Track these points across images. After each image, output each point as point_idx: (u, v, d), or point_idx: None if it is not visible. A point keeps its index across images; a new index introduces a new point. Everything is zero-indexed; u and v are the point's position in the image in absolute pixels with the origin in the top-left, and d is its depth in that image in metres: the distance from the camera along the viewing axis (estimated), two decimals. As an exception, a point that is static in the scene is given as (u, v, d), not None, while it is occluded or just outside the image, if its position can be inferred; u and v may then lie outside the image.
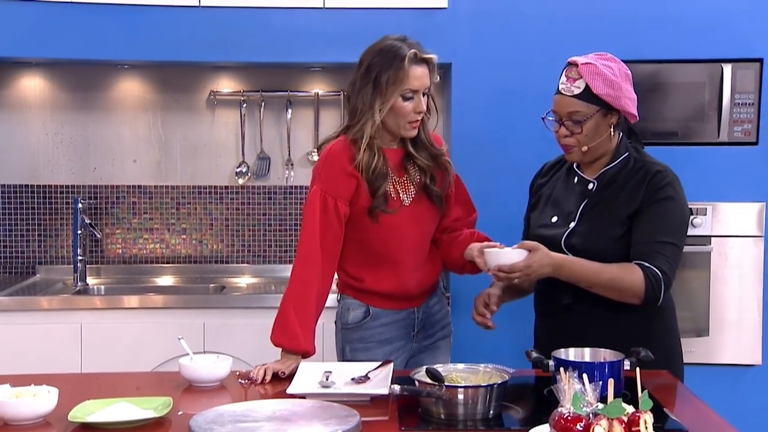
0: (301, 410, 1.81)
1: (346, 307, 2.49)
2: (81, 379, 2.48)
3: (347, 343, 2.49)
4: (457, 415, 1.84)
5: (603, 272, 2.21)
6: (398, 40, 2.35)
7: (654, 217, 2.24)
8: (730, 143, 3.20)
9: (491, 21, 3.23)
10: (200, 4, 3.27)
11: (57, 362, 3.11)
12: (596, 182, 2.33)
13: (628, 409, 1.53)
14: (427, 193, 2.43)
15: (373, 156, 2.34)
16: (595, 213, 2.30)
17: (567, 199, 2.37)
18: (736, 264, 3.19)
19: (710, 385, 2.47)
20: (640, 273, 2.19)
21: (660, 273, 2.18)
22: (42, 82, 3.72)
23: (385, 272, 2.42)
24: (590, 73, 2.24)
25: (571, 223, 2.31)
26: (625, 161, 2.33)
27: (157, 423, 1.83)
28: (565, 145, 2.32)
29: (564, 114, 2.28)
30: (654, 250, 2.21)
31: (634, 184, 2.28)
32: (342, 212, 2.35)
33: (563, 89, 2.29)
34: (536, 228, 2.40)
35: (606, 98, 2.25)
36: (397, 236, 2.40)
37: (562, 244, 2.29)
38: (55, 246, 3.74)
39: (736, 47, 3.18)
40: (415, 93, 2.31)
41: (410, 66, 2.30)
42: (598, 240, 2.26)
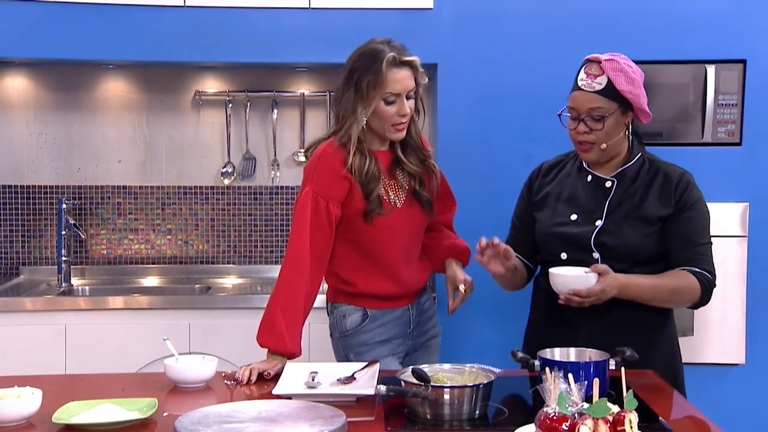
0: (286, 411, 1.81)
1: (341, 314, 2.47)
2: (65, 380, 2.46)
3: (349, 350, 2.47)
4: (443, 415, 1.84)
5: (664, 286, 2.25)
6: (381, 43, 2.34)
7: (690, 222, 2.29)
8: (713, 144, 3.22)
9: (477, 22, 3.24)
10: (185, 4, 3.26)
11: (41, 363, 3.09)
12: (615, 180, 2.33)
13: (613, 408, 1.53)
14: (416, 197, 2.43)
15: (364, 159, 2.33)
16: (623, 211, 2.30)
17: (585, 197, 2.35)
18: (720, 264, 3.16)
19: (695, 384, 2.48)
20: (695, 280, 2.24)
21: (709, 275, 2.26)
22: (25, 82, 3.69)
23: (377, 273, 2.42)
24: (613, 70, 2.25)
25: (598, 221, 2.31)
26: (641, 161, 2.35)
27: (142, 424, 1.82)
28: (583, 143, 2.30)
29: (584, 110, 2.27)
30: (698, 253, 2.28)
31: (660, 186, 2.31)
32: (333, 214, 2.34)
33: (584, 85, 2.27)
34: (551, 227, 2.37)
35: (627, 95, 2.26)
36: (390, 237, 2.40)
37: (591, 243, 2.29)
38: (39, 247, 3.72)
39: (719, 48, 3.19)
40: (397, 96, 2.30)
41: (390, 70, 2.29)
42: (629, 238, 2.27)
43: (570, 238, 2.32)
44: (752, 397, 3.23)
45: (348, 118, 2.33)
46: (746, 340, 3.22)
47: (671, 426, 1.81)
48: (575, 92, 2.30)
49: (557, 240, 2.35)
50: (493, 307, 2.62)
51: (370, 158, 2.35)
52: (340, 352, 2.50)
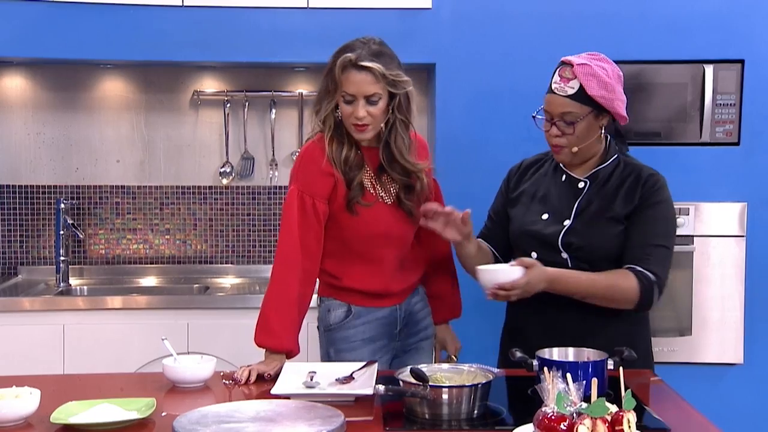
0: (285, 411, 1.81)
1: (326, 308, 2.48)
2: (63, 380, 2.46)
3: (331, 345, 2.48)
4: (441, 415, 1.84)
5: (597, 282, 2.22)
6: (359, 41, 2.36)
7: (647, 221, 2.25)
8: (712, 144, 3.22)
9: (475, 21, 3.24)
10: (183, 4, 3.26)
11: (39, 363, 3.09)
12: (588, 181, 2.34)
13: (611, 408, 1.53)
14: (400, 203, 2.43)
15: (342, 147, 2.36)
16: (591, 212, 2.30)
17: (557, 197, 2.36)
18: (719, 263, 3.21)
19: (693, 384, 2.49)
20: (633, 278, 2.20)
21: (653, 276, 2.20)
22: (24, 82, 3.69)
23: (365, 270, 2.43)
24: (585, 74, 2.24)
25: (566, 221, 2.31)
26: (616, 162, 2.34)
27: (141, 424, 1.82)
28: (555, 145, 2.31)
29: (556, 114, 2.27)
30: (647, 253, 2.22)
31: (629, 185, 2.29)
32: (320, 211, 2.35)
33: (556, 89, 2.27)
34: (524, 225, 2.38)
35: (600, 100, 2.24)
36: (378, 233, 2.40)
37: (559, 243, 2.30)
38: (37, 246, 3.72)
39: (717, 48, 3.20)
40: (354, 97, 2.31)
41: (345, 71, 2.31)
42: (596, 238, 2.26)
43: (539, 237, 2.33)
44: (751, 396, 3.23)
45: (320, 112, 2.38)
46: (744, 340, 3.22)
47: (669, 426, 1.81)
48: (548, 95, 2.29)
49: (528, 238, 2.36)
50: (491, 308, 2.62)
51: (350, 146, 2.37)
52: (322, 346, 2.51)
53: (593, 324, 2.26)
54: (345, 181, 2.35)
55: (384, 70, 2.31)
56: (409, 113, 2.41)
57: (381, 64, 2.31)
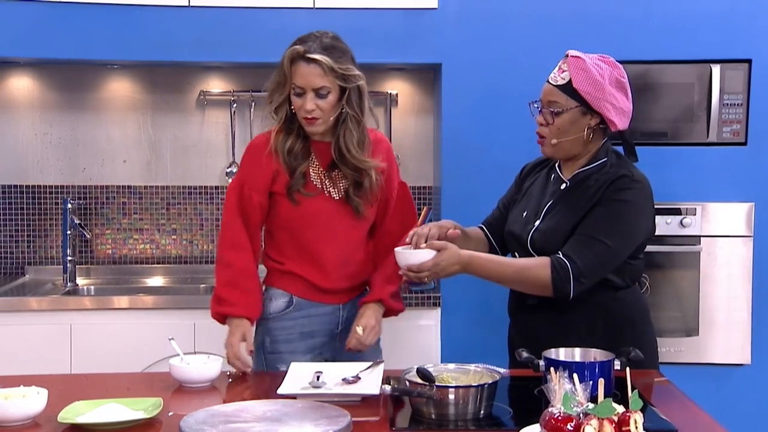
0: (291, 411, 1.81)
1: (268, 297, 2.50)
2: (71, 379, 2.47)
3: (266, 335, 2.48)
4: (448, 415, 1.84)
5: (509, 266, 2.24)
6: (312, 35, 2.39)
7: (597, 216, 2.21)
8: (719, 144, 3.21)
9: (481, 21, 3.23)
10: (190, 4, 3.26)
11: (46, 363, 3.10)
12: (569, 183, 2.33)
13: (618, 408, 1.53)
14: (348, 200, 2.44)
15: (288, 139, 2.40)
16: (557, 212, 2.30)
17: (540, 197, 2.38)
18: (726, 264, 3.20)
19: (700, 384, 2.48)
20: (546, 265, 2.17)
21: (569, 264, 2.16)
22: (31, 82, 3.70)
23: (307, 261, 2.45)
24: (576, 67, 2.24)
25: (536, 221, 2.32)
26: (601, 166, 2.30)
27: (148, 424, 1.82)
28: (539, 134, 2.33)
29: (544, 102, 2.31)
30: (580, 243, 2.18)
31: (598, 186, 2.25)
32: (257, 202, 2.42)
33: (550, 78, 2.31)
34: (510, 224, 2.42)
35: (585, 95, 2.24)
36: (319, 226, 2.42)
37: (527, 241, 2.31)
38: (44, 246, 3.73)
39: (724, 48, 3.19)
40: (303, 90, 2.35)
41: (293, 63, 2.35)
42: (554, 237, 2.25)
43: (515, 235, 2.36)
44: (758, 397, 3.23)
45: (272, 100, 2.42)
46: (752, 340, 3.21)
47: (676, 426, 1.80)
48: (545, 83, 2.33)
49: (509, 237, 2.41)
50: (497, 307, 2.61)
51: (297, 138, 2.40)
52: (257, 335, 2.50)
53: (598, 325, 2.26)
54: (288, 171, 2.39)
55: (333, 64, 2.33)
56: (361, 109, 2.41)
57: (331, 57, 2.33)
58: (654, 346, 2.36)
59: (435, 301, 3.24)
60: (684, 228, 3.16)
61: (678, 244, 3.19)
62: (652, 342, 2.35)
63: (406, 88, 3.75)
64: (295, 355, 2.44)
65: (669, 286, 3.22)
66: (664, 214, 3.13)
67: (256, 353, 2.48)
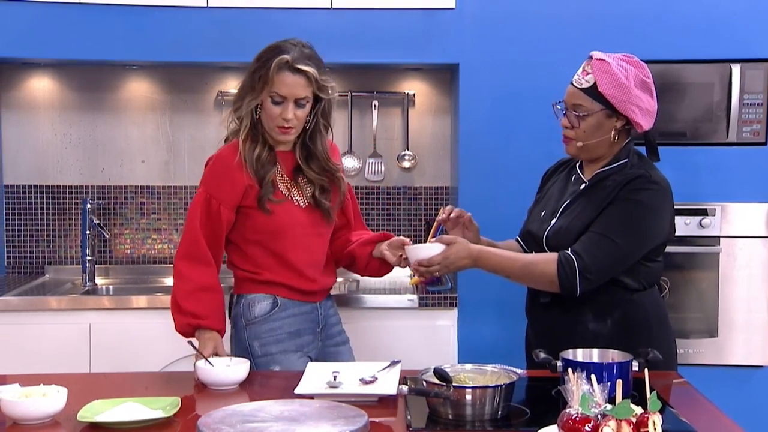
0: (309, 411, 1.81)
1: (248, 303, 2.48)
2: (90, 378, 2.49)
3: (255, 339, 2.46)
4: (465, 416, 1.84)
5: (517, 260, 2.24)
6: (289, 43, 2.39)
7: (609, 215, 2.20)
8: (738, 144, 3.19)
9: (499, 21, 3.23)
10: (208, 5, 3.27)
11: (66, 362, 3.12)
12: (588, 182, 2.32)
13: (636, 410, 1.52)
14: (317, 204, 2.46)
15: (255, 145, 2.39)
16: (573, 211, 2.29)
17: (559, 196, 2.38)
18: (745, 265, 3.18)
19: (719, 386, 2.46)
20: (553, 261, 2.17)
21: (575, 260, 2.15)
22: (50, 83, 3.73)
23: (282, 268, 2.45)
24: (600, 71, 2.22)
25: (553, 219, 2.32)
26: (622, 166, 2.29)
27: (166, 423, 1.83)
28: (565, 136, 2.32)
29: (569, 104, 2.29)
30: (589, 241, 2.18)
31: (614, 185, 2.24)
32: (224, 218, 2.40)
33: (575, 80, 2.29)
34: (528, 223, 2.43)
35: (610, 99, 2.22)
36: (295, 234, 2.43)
37: (543, 239, 2.30)
38: (64, 246, 3.76)
39: (745, 47, 3.17)
40: (284, 99, 2.34)
41: (279, 71, 2.33)
42: (567, 235, 2.25)
43: (532, 234, 2.36)
44: (777, 399, 3.20)
45: (240, 108, 2.41)
46: (772, 342, 3.19)
47: (695, 428, 1.79)
48: (568, 85, 2.31)
49: (527, 236, 2.40)
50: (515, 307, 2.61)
51: (264, 146, 2.40)
52: (242, 342, 2.47)
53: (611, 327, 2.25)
54: (256, 180, 2.38)
55: (317, 75, 2.36)
56: (330, 117, 2.47)
57: (316, 69, 2.37)
58: (673, 350, 2.35)
59: (452, 301, 3.24)
60: (703, 228, 3.14)
61: (697, 244, 3.17)
62: (670, 345, 2.34)
63: (423, 89, 3.74)
64: (287, 354, 2.44)
65: (688, 287, 3.20)
66: (683, 214, 3.11)
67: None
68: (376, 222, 3.76)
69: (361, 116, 3.74)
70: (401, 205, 3.77)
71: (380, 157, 3.73)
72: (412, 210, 3.77)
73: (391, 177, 3.76)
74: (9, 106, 3.72)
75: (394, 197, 3.77)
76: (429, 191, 3.76)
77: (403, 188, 3.77)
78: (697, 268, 3.19)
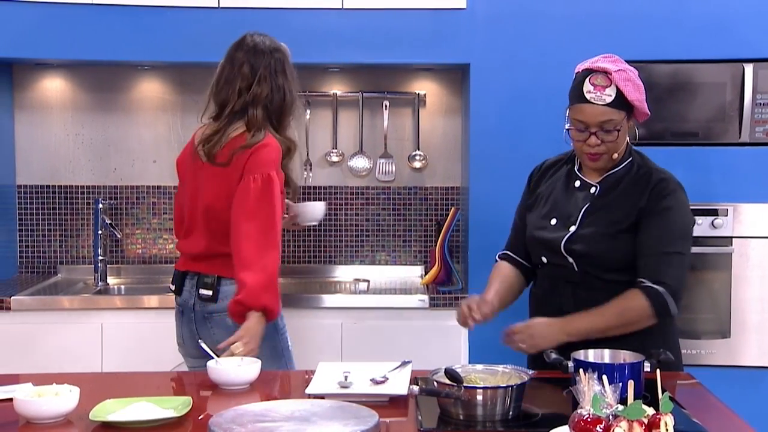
0: (320, 410, 1.81)
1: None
2: (102, 378, 2.50)
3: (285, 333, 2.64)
4: (476, 416, 1.83)
5: (606, 315, 2.18)
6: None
7: (658, 228, 2.21)
8: (751, 144, 3.17)
9: (510, 21, 3.22)
10: (219, 6, 3.28)
11: (78, 361, 3.13)
12: (599, 186, 2.31)
13: (648, 411, 1.52)
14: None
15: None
16: (597, 218, 2.27)
17: (567, 202, 2.33)
18: (758, 265, 3.16)
19: (732, 387, 2.45)
20: (642, 296, 2.17)
21: (660, 289, 2.16)
22: (63, 84, 3.74)
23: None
24: (623, 80, 2.21)
25: (572, 227, 2.28)
26: (629, 166, 2.30)
27: (177, 422, 1.83)
28: (594, 154, 2.26)
29: (594, 123, 2.22)
30: (661, 262, 2.19)
31: (637, 190, 2.25)
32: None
33: (592, 98, 2.22)
34: (534, 230, 2.37)
35: (636, 103, 2.23)
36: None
37: (561, 248, 2.27)
38: (76, 246, 3.77)
39: (757, 47, 3.15)
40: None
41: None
42: (601, 245, 2.23)
43: (546, 242, 2.32)
44: (790, 400, 3.18)
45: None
46: (784, 343, 3.17)
47: (708, 429, 1.78)
48: (582, 105, 2.23)
49: (537, 244, 2.35)
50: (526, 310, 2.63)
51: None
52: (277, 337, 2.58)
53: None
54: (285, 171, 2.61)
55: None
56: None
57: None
58: (678, 348, 2.35)
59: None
60: (715, 229, 3.13)
61: (709, 245, 3.15)
62: (677, 345, 2.34)
63: (434, 89, 3.74)
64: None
65: (700, 287, 3.18)
66: (695, 214, 3.08)
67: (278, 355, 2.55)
68: (387, 222, 3.77)
69: (371, 116, 3.74)
70: (412, 206, 3.77)
71: (391, 158, 3.73)
72: (423, 210, 3.77)
73: (402, 177, 3.76)
74: (22, 106, 3.74)
75: (405, 197, 3.77)
76: (440, 191, 3.76)
77: (414, 188, 3.76)
78: (710, 268, 3.17)
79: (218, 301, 2.53)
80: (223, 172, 2.51)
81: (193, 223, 2.59)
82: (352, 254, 3.78)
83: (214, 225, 2.52)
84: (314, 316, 3.26)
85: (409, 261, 3.78)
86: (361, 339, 3.24)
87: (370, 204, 3.77)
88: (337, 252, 3.77)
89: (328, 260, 3.78)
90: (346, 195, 3.77)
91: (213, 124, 2.61)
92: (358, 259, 3.78)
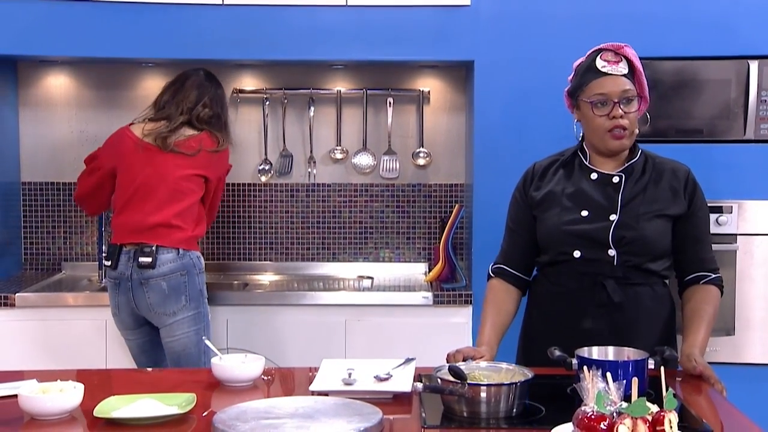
0: (323, 407, 1.81)
1: (197, 256, 3.10)
2: (106, 375, 2.50)
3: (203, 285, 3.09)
4: (479, 413, 1.83)
5: (708, 315, 2.28)
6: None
7: (700, 221, 2.33)
8: (756, 141, 3.16)
9: (514, 19, 3.22)
10: (223, 3, 3.28)
11: (82, 358, 3.14)
12: (623, 175, 2.30)
13: (652, 408, 1.52)
14: None
15: None
16: (636, 205, 2.27)
17: (594, 193, 2.30)
18: (763, 262, 3.16)
19: (736, 384, 2.43)
20: (715, 289, 2.31)
21: (719, 274, 2.34)
22: (67, 81, 3.75)
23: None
24: (633, 55, 2.27)
25: (612, 215, 2.26)
26: (644, 157, 2.33)
27: (181, 419, 1.84)
28: (619, 127, 2.23)
29: (616, 94, 2.23)
30: (708, 251, 2.35)
31: (670, 182, 2.29)
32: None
33: (609, 70, 2.24)
34: (561, 225, 2.30)
35: (641, 78, 2.28)
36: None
37: (609, 239, 2.25)
38: (80, 243, 3.78)
39: (762, 44, 3.14)
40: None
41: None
42: (647, 232, 2.24)
43: (584, 234, 2.27)
44: (795, 398, 3.17)
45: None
46: (789, 341, 3.17)
47: (712, 427, 1.78)
48: (602, 78, 2.24)
49: (570, 237, 2.29)
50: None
51: None
52: (195, 286, 2.99)
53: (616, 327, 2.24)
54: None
55: None
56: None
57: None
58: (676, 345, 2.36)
59: (467, 298, 3.24)
60: (720, 226, 3.12)
61: (714, 242, 3.13)
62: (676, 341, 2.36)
63: (438, 86, 3.74)
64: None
65: (704, 284, 3.18)
66: (699, 212, 3.09)
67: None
68: (391, 219, 3.77)
69: (375, 113, 3.74)
70: (416, 203, 3.77)
71: (395, 155, 3.73)
72: (427, 207, 3.77)
73: (406, 174, 3.76)
74: (26, 103, 3.74)
75: (409, 195, 3.77)
76: (444, 188, 3.76)
77: (418, 185, 3.76)
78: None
79: (156, 267, 2.91)
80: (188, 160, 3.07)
81: (142, 198, 3.01)
82: (355, 251, 3.78)
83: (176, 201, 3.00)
84: (318, 313, 3.27)
85: (412, 258, 3.78)
86: (364, 336, 3.25)
87: (374, 201, 3.77)
88: (341, 249, 3.78)
89: (332, 257, 3.78)
90: (349, 192, 3.77)
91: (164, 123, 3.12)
92: (361, 256, 3.79)
